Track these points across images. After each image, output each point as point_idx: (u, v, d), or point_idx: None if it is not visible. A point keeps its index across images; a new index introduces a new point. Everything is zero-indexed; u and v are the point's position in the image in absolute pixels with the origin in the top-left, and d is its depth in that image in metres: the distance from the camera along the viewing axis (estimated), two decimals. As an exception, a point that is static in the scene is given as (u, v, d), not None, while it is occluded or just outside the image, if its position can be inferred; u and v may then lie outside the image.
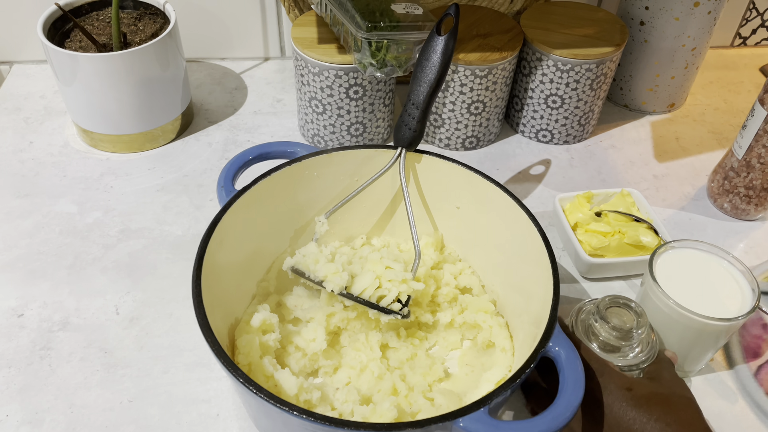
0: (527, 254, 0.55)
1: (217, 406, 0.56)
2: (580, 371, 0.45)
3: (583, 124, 0.83)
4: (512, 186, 0.78)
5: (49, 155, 0.79)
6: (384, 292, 0.56)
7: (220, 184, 0.58)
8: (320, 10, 0.75)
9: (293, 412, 0.41)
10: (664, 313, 0.54)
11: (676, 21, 0.80)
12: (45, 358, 0.58)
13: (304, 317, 0.59)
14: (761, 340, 0.60)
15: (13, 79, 0.90)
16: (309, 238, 0.62)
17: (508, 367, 0.56)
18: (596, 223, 0.68)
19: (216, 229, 0.53)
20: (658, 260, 0.57)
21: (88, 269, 0.66)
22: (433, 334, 0.60)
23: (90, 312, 0.62)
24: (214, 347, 0.44)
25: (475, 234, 0.62)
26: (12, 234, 0.69)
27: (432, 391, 0.55)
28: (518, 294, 0.58)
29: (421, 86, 0.58)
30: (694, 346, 0.56)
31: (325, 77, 0.73)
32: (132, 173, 0.77)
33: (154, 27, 0.78)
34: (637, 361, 0.51)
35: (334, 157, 0.60)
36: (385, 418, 0.50)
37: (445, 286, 0.62)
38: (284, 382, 0.51)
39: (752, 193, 0.72)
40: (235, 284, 0.57)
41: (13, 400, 0.55)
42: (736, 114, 0.91)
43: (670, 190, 0.79)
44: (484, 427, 0.41)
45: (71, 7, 0.78)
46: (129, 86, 0.74)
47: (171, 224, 0.71)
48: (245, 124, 0.85)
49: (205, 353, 0.59)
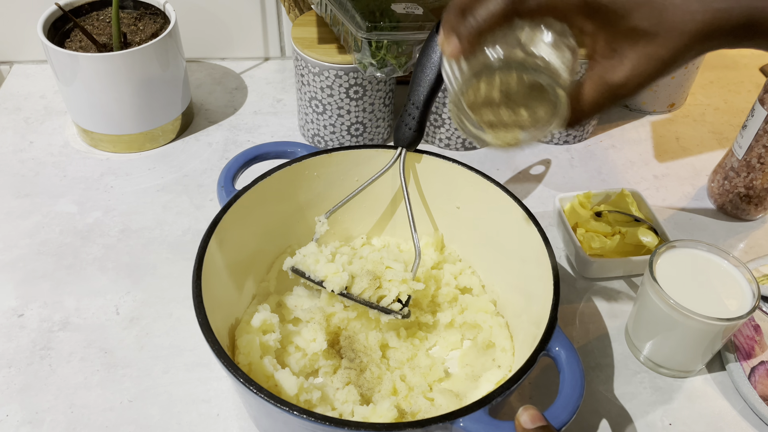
0: (527, 254, 0.55)
1: (217, 406, 0.56)
2: (580, 371, 0.45)
3: (583, 124, 0.83)
4: (512, 186, 0.78)
5: (49, 155, 0.79)
6: (384, 292, 0.56)
7: (220, 184, 0.58)
8: (320, 10, 0.75)
9: (293, 412, 0.41)
10: (664, 313, 0.54)
11: (676, 21, 0.80)
12: (45, 358, 0.58)
13: (304, 317, 0.59)
14: (754, 342, 0.60)
15: (13, 79, 0.90)
16: (309, 238, 0.62)
17: (508, 367, 0.56)
18: (596, 223, 0.68)
19: (216, 229, 0.53)
20: (658, 260, 0.57)
21: (88, 269, 0.66)
22: (433, 334, 0.60)
23: (90, 312, 0.62)
24: (214, 347, 0.45)
25: (475, 234, 0.62)
26: (12, 234, 0.69)
27: (432, 391, 0.55)
28: (518, 294, 0.58)
29: (421, 86, 0.58)
30: (694, 346, 0.56)
31: (325, 77, 0.73)
32: (132, 173, 0.77)
33: (154, 27, 0.78)
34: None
35: (334, 157, 0.60)
36: (385, 418, 0.50)
37: (445, 286, 0.62)
38: (284, 382, 0.51)
39: (752, 193, 0.72)
40: (235, 284, 0.57)
41: (13, 400, 0.55)
42: (736, 114, 0.91)
43: (670, 190, 0.79)
44: (484, 427, 0.41)
45: (71, 7, 0.78)
46: (129, 86, 0.74)
47: (171, 224, 0.71)
48: (245, 124, 0.85)
49: (205, 353, 0.59)
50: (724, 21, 0.38)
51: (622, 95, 0.41)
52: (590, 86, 0.42)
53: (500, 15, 0.38)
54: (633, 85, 0.40)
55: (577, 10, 0.39)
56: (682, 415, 0.56)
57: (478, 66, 0.39)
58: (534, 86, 0.40)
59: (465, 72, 0.40)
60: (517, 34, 0.40)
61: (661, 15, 0.38)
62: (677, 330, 0.55)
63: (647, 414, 0.56)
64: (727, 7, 0.38)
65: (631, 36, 0.39)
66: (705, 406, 0.57)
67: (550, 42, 0.40)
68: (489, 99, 0.41)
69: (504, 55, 0.39)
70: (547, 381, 0.58)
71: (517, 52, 0.39)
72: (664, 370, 0.59)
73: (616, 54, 0.40)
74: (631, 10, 0.39)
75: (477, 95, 0.41)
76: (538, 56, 0.39)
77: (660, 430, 0.55)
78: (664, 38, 0.39)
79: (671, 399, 0.58)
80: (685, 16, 0.38)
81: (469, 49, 0.39)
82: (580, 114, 0.42)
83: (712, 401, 0.58)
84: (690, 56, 0.40)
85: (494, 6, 0.37)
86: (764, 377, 0.58)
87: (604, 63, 0.41)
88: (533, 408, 0.41)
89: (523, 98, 0.41)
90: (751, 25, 0.38)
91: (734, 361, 0.59)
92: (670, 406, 0.57)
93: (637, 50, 0.40)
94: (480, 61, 0.39)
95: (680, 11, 0.38)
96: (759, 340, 0.60)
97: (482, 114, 0.42)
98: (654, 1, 0.38)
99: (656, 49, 0.39)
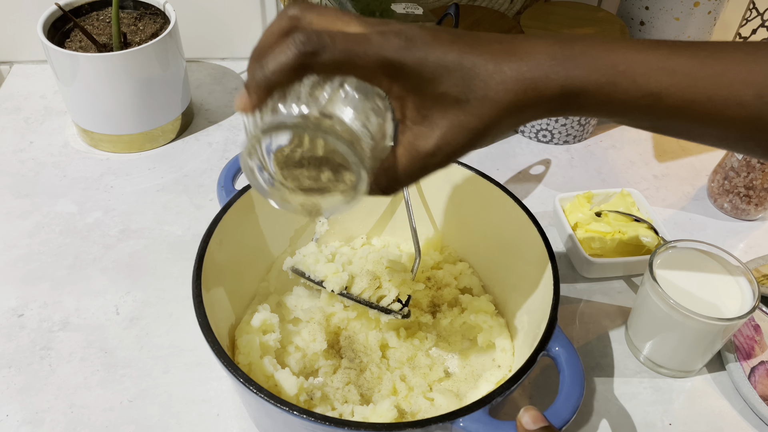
0: (527, 254, 0.55)
1: (217, 406, 0.56)
2: (580, 371, 0.45)
3: (583, 124, 0.83)
4: (512, 186, 0.78)
5: (49, 155, 0.79)
6: (384, 292, 0.56)
7: (220, 184, 0.58)
8: (320, 10, 0.75)
9: (293, 412, 0.41)
10: (664, 313, 0.54)
11: (676, 21, 0.80)
12: (45, 358, 0.58)
13: (304, 317, 0.59)
14: (754, 342, 0.60)
15: (13, 79, 0.90)
16: (309, 238, 0.62)
17: (508, 367, 0.56)
18: (596, 223, 0.68)
19: (216, 229, 0.53)
20: (658, 260, 0.57)
21: (88, 269, 0.66)
22: (433, 334, 0.60)
23: (90, 312, 0.62)
24: (214, 347, 0.45)
25: (475, 234, 0.62)
26: (12, 234, 0.69)
27: (432, 391, 0.55)
28: (518, 294, 0.58)
29: (421, 86, 0.58)
30: (694, 346, 0.56)
31: (325, 77, 0.73)
32: (132, 173, 0.77)
33: (154, 27, 0.78)
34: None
35: (334, 157, 0.60)
36: (385, 418, 0.50)
37: (445, 287, 0.62)
38: (284, 382, 0.51)
39: (752, 193, 0.72)
40: (235, 284, 0.57)
41: (13, 400, 0.55)
42: (736, 114, 0.91)
43: (670, 190, 0.79)
44: (484, 427, 0.41)
45: (71, 7, 0.78)
46: (129, 86, 0.74)
47: (171, 224, 0.71)
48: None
49: (205, 353, 0.59)
50: (539, 92, 0.35)
51: (433, 164, 0.37)
52: (402, 153, 0.37)
53: (291, 69, 0.33)
54: (443, 155, 0.37)
55: (380, 70, 0.34)
56: (682, 415, 0.56)
57: (273, 123, 0.34)
58: (336, 151, 0.35)
59: (261, 126, 0.35)
60: (316, 93, 0.36)
61: (472, 82, 0.35)
62: (677, 330, 0.55)
63: (647, 414, 0.56)
64: (542, 77, 0.35)
65: (440, 102, 0.36)
66: (705, 406, 0.57)
67: (354, 103, 0.36)
68: (291, 159, 0.37)
69: (298, 114, 0.35)
70: (547, 381, 0.58)
71: (312, 111, 0.35)
72: (664, 370, 0.59)
73: (426, 120, 0.36)
74: (439, 75, 0.35)
75: (280, 154, 0.36)
76: (335, 118, 0.35)
77: (660, 430, 0.55)
78: (475, 107, 0.36)
79: (671, 399, 0.58)
80: (498, 86, 0.35)
81: (257, 104, 0.34)
82: (394, 182, 0.38)
83: (712, 401, 0.58)
84: (504, 127, 0.37)
85: (285, 58, 0.33)
86: (764, 377, 0.58)
87: (414, 129, 0.37)
88: (534, 409, 0.40)
89: (325, 163, 0.37)
90: (566, 96, 0.36)
91: (734, 361, 0.59)
92: (670, 406, 0.57)
93: (447, 118, 0.36)
94: (274, 117, 0.35)
95: (493, 80, 0.35)
96: (759, 340, 0.60)
97: (284, 174, 0.37)
98: (464, 67, 0.35)
99: (468, 119, 0.36)
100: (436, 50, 0.35)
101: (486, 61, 0.35)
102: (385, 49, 0.34)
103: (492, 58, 0.36)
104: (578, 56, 0.36)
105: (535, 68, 0.35)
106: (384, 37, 0.35)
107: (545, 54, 0.36)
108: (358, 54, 0.34)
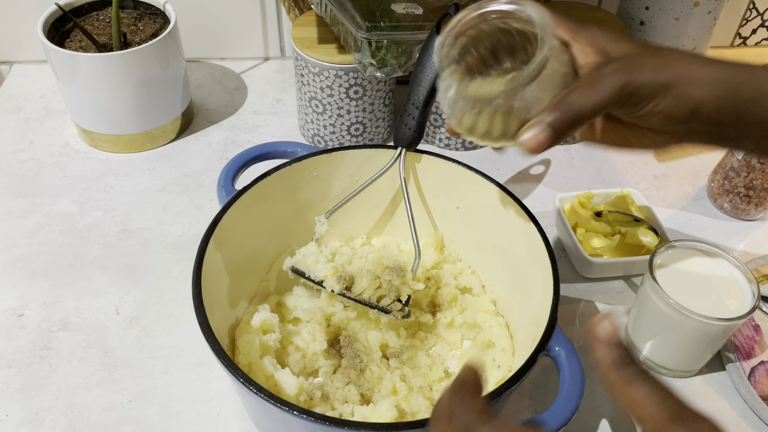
0: (527, 254, 0.55)
1: (217, 406, 0.56)
2: (580, 371, 0.45)
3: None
4: (512, 186, 0.78)
5: (49, 155, 0.79)
6: (384, 292, 0.56)
7: (220, 184, 0.58)
8: (320, 10, 0.75)
9: (293, 412, 0.41)
10: (664, 313, 0.54)
11: (676, 21, 0.80)
12: (45, 358, 0.58)
13: (304, 317, 0.59)
14: (754, 342, 0.60)
15: (13, 79, 0.91)
16: (309, 238, 0.62)
17: (508, 367, 0.56)
18: (596, 223, 0.68)
19: (216, 229, 0.53)
20: (658, 260, 0.57)
21: (88, 269, 0.66)
22: (433, 334, 0.60)
23: (90, 312, 0.62)
24: (214, 347, 0.45)
25: (475, 234, 0.62)
26: (12, 234, 0.69)
27: (432, 391, 0.55)
28: (518, 294, 0.58)
29: (421, 86, 0.58)
30: (693, 346, 0.56)
31: (325, 77, 0.73)
32: (132, 173, 0.77)
33: (154, 27, 0.78)
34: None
35: (334, 157, 0.60)
36: (385, 418, 0.50)
37: (445, 286, 0.62)
38: (284, 382, 0.51)
39: (752, 193, 0.72)
40: (235, 284, 0.57)
41: (13, 400, 0.55)
42: (736, 114, 0.91)
43: (670, 190, 0.79)
44: (484, 427, 0.41)
45: (71, 7, 0.78)
46: (129, 86, 0.74)
47: (171, 224, 0.71)
48: (245, 124, 0.85)
49: (205, 353, 0.59)
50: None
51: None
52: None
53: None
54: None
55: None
56: (682, 415, 0.56)
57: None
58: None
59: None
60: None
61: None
62: (677, 330, 0.54)
63: (647, 414, 0.56)
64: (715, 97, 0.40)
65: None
66: (705, 406, 0.57)
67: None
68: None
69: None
70: (547, 381, 0.58)
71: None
72: (664, 370, 0.59)
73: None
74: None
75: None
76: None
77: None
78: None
79: (671, 399, 0.58)
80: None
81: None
82: (570, 109, 0.41)
83: (712, 401, 0.58)
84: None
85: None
86: (764, 377, 0.58)
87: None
88: (615, 326, 0.32)
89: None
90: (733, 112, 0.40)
91: (734, 361, 0.58)
92: (670, 406, 0.57)
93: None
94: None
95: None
96: (759, 340, 0.60)
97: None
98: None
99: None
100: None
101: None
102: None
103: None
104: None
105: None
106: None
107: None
108: None
